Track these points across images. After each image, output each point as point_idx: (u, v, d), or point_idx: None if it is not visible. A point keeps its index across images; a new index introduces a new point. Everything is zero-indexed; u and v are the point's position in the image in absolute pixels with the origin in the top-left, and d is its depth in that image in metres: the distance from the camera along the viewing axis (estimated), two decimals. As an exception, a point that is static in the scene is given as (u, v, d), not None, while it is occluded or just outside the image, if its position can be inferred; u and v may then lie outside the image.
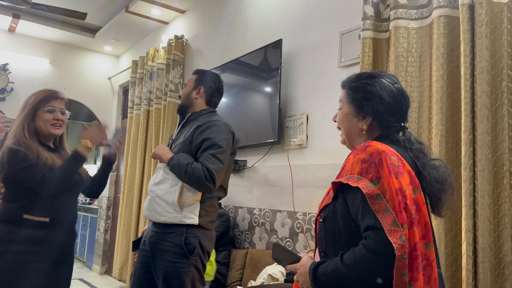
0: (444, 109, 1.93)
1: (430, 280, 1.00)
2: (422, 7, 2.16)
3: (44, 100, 1.89)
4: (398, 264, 0.93)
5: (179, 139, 2.04)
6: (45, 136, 1.91)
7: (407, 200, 0.99)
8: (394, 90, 1.16)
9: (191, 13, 4.46)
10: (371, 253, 0.96)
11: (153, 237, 1.95)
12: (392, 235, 0.94)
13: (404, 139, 1.14)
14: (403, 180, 1.01)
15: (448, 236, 1.86)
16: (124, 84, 5.84)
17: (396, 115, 1.16)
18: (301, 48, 2.97)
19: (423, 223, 1.00)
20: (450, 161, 1.91)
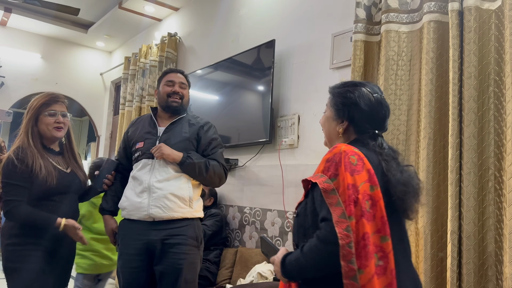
0: (432, 112, 1.97)
1: (386, 271, 1.06)
2: (413, 11, 2.19)
3: (45, 104, 1.95)
4: (343, 252, 1.02)
5: (173, 137, 2.03)
6: (48, 139, 1.97)
7: (359, 194, 1.06)
8: (372, 99, 1.24)
9: (184, 10, 4.46)
10: (320, 241, 1.07)
11: (157, 235, 1.92)
12: (338, 226, 1.03)
13: (375, 144, 1.22)
14: (359, 177, 1.09)
15: (434, 238, 1.90)
16: (116, 80, 5.82)
17: (371, 122, 1.25)
18: (294, 49, 2.99)
19: (379, 217, 1.07)
20: (437, 164, 1.95)
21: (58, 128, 1.95)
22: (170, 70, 2.21)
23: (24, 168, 1.83)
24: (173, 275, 1.91)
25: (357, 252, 1.03)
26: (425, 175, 1.94)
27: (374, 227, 1.06)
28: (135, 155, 2.07)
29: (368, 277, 1.03)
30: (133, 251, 1.94)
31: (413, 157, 2.06)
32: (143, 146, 2.04)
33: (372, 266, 1.03)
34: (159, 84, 2.19)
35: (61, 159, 2.00)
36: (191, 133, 2.06)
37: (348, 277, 1.03)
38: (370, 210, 1.06)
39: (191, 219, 1.99)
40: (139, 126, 2.15)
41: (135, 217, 1.96)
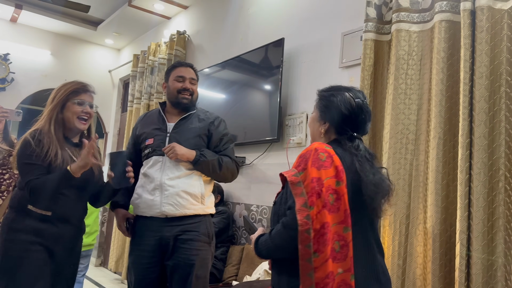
0: (442, 112, 1.97)
1: (346, 258, 1.18)
2: (424, 11, 2.19)
3: (75, 92, 1.88)
4: (301, 237, 1.15)
5: (184, 134, 2.02)
6: (71, 130, 1.89)
7: (323, 188, 1.18)
8: (353, 104, 1.34)
9: (193, 9, 4.48)
10: (283, 227, 1.22)
11: (170, 232, 1.93)
12: (299, 214, 1.16)
13: (352, 145, 1.31)
14: (325, 172, 1.20)
15: (443, 237, 1.90)
16: (124, 78, 5.85)
17: (350, 125, 1.35)
18: (303, 48, 2.99)
19: (343, 210, 1.19)
20: (446, 164, 1.95)
21: (83, 120, 1.88)
22: (179, 64, 2.15)
23: (39, 151, 1.75)
24: (185, 270, 1.91)
25: (316, 238, 1.15)
26: (434, 174, 1.93)
27: (337, 218, 1.18)
28: (145, 152, 2.05)
29: (322, 261, 1.15)
30: (146, 247, 1.95)
31: (422, 156, 2.06)
32: (153, 143, 2.02)
33: (327, 252, 1.15)
34: (167, 77, 2.13)
35: (78, 151, 1.89)
36: (201, 129, 2.03)
37: (304, 259, 1.16)
38: (334, 203, 1.18)
39: (203, 215, 2.00)
40: (148, 122, 2.13)
41: (148, 214, 1.96)
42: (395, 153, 2.09)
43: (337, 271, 1.16)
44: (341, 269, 1.17)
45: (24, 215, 1.77)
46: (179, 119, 2.06)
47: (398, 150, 2.09)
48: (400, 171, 2.08)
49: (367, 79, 2.27)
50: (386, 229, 2.05)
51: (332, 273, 1.15)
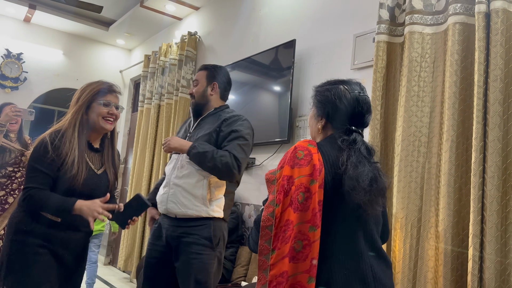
0: (456, 115, 1.95)
1: (307, 259, 1.12)
2: (437, 13, 2.18)
3: (100, 92, 1.81)
4: (262, 232, 1.15)
5: (199, 133, 2.05)
6: (96, 131, 1.83)
7: (292, 186, 1.15)
8: (348, 96, 1.30)
9: (205, 10, 4.50)
10: (254, 223, 1.25)
11: (175, 232, 1.96)
12: (266, 210, 1.17)
13: (345, 139, 1.25)
14: (299, 170, 1.17)
15: (455, 241, 1.88)
16: (135, 78, 5.89)
17: (346, 118, 1.29)
18: (314, 49, 2.99)
19: (311, 209, 1.14)
20: (459, 167, 1.93)
21: (109, 120, 1.81)
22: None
23: (55, 157, 1.68)
24: (185, 273, 1.92)
25: (277, 236, 1.14)
26: (446, 177, 1.92)
27: (303, 217, 1.13)
28: None
29: (278, 258, 1.12)
30: (158, 243, 2.03)
31: (434, 159, 2.04)
32: None
33: (284, 249, 1.12)
34: None
35: (97, 156, 1.84)
36: (214, 126, 2.03)
37: (262, 255, 1.15)
38: (304, 202, 1.13)
39: (208, 218, 1.96)
40: (185, 125, 2.25)
41: (160, 210, 2.04)
42: (407, 155, 2.08)
43: (293, 272, 1.10)
44: (299, 270, 1.11)
45: (33, 218, 1.71)
46: (200, 119, 2.14)
47: (410, 152, 2.08)
48: (412, 174, 2.07)
49: (379, 81, 2.27)
50: (398, 231, 2.04)
51: (286, 272, 1.10)
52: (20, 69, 5.27)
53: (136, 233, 4.56)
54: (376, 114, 2.24)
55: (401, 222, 2.04)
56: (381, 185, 1.21)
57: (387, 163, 2.24)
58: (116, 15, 5.24)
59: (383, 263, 1.24)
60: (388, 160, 2.24)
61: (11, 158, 3.08)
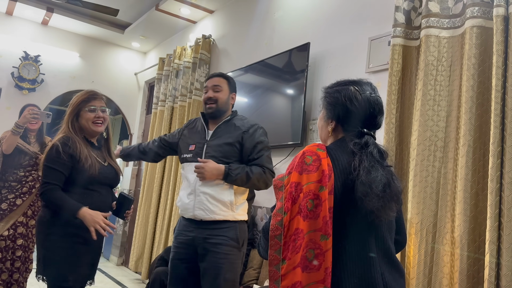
0: (473, 119, 1.93)
1: (320, 268, 1.07)
2: (454, 16, 2.15)
3: (85, 100, 2.05)
4: (271, 242, 1.11)
5: (217, 141, 2.12)
6: (89, 134, 2.06)
7: (301, 193, 1.10)
8: (359, 98, 1.24)
9: (219, 13, 4.52)
10: (262, 230, 1.23)
11: (201, 234, 2.05)
12: (274, 218, 1.12)
13: (359, 142, 1.20)
14: (307, 176, 1.12)
15: (471, 247, 1.85)
16: (150, 81, 5.94)
17: (357, 120, 1.24)
18: (328, 52, 2.98)
19: (322, 216, 1.09)
20: (476, 172, 1.90)
21: (98, 123, 2.05)
22: (209, 76, 2.28)
23: (67, 157, 1.92)
24: (214, 273, 2.00)
25: (286, 245, 1.09)
26: (463, 183, 1.89)
27: (313, 225, 1.08)
28: (187, 156, 2.19)
29: (289, 269, 1.07)
30: (182, 245, 2.11)
31: (451, 164, 2.02)
32: (194, 149, 2.17)
33: (295, 259, 1.07)
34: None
35: (99, 153, 2.09)
36: (235, 137, 2.11)
37: (272, 265, 1.11)
38: (313, 209, 1.09)
39: (233, 221, 2.07)
40: (194, 129, 2.28)
41: (186, 216, 2.13)
42: (422, 160, 2.06)
43: (308, 282, 1.06)
44: (313, 280, 1.06)
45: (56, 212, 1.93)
46: (216, 127, 2.18)
47: (426, 157, 2.06)
48: (427, 179, 2.05)
49: (394, 84, 2.25)
50: (412, 237, 2.01)
51: (300, 283, 1.06)
52: (37, 71, 5.36)
53: (147, 235, 4.59)
54: (392, 118, 2.22)
55: (416, 227, 2.01)
56: (395, 190, 1.16)
57: (402, 168, 2.22)
58: (131, 18, 5.30)
59: (396, 272, 1.20)
60: (403, 165, 2.22)
61: (25, 160, 3.11)
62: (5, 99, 5.20)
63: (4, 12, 5.23)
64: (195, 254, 2.08)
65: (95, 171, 1.97)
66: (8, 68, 5.20)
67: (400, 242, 1.36)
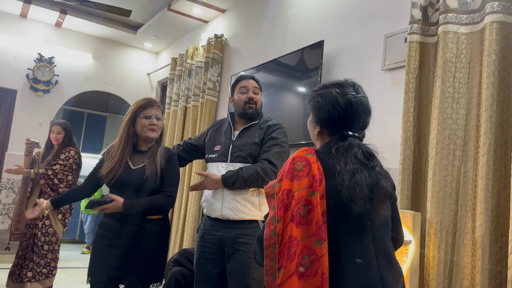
0: (493, 117, 1.88)
1: (317, 275, 1.05)
2: (473, 12, 2.11)
3: (142, 107, 2.14)
4: (266, 251, 1.10)
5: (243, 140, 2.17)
6: (143, 140, 2.16)
7: (293, 200, 1.09)
8: (340, 100, 1.23)
9: (231, 12, 4.51)
10: (257, 240, 1.22)
11: (229, 233, 2.09)
12: (267, 227, 1.11)
13: (339, 146, 1.19)
14: (298, 182, 1.11)
15: (493, 248, 1.81)
16: (162, 81, 5.96)
17: (340, 123, 1.23)
18: (343, 50, 2.95)
19: (315, 221, 1.07)
20: (497, 171, 1.86)
21: (152, 129, 2.13)
22: (241, 77, 2.30)
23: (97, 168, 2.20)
24: (242, 272, 2.03)
25: (281, 253, 1.08)
26: (484, 182, 1.85)
27: (307, 231, 1.07)
28: (212, 156, 2.23)
29: (285, 277, 1.05)
30: (208, 245, 2.15)
31: (471, 163, 1.98)
32: (220, 150, 2.21)
33: (291, 267, 1.05)
34: (232, 91, 2.31)
35: (141, 157, 2.15)
36: (259, 137, 2.16)
37: (269, 275, 1.09)
38: (306, 215, 1.08)
39: (256, 221, 2.10)
40: (220, 129, 2.32)
41: (213, 216, 2.15)
42: (441, 159, 2.02)
43: None
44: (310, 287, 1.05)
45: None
46: (243, 128, 2.22)
47: (445, 156, 2.02)
48: (447, 178, 2.01)
49: (412, 82, 2.21)
50: (432, 237, 1.98)
51: None
52: (51, 73, 5.41)
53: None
54: (409, 116, 2.19)
55: (435, 227, 1.98)
56: (383, 190, 1.15)
57: (420, 167, 2.18)
58: (144, 19, 5.32)
59: (395, 271, 1.19)
60: (421, 164, 2.18)
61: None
62: (20, 101, 5.26)
63: (18, 15, 5.29)
64: (222, 254, 2.11)
65: (110, 177, 2.08)
66: (23, 70, 5.27)
67: (397, 239, 1.34)
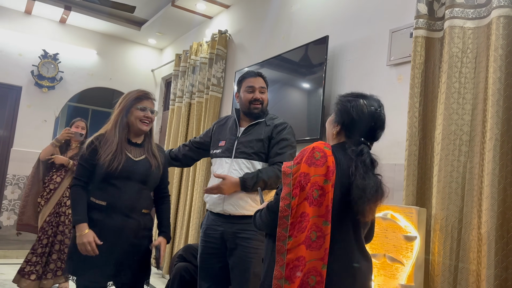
0: (500, 112, 1.87)
1: (321, 248, 1.29)
2: (480, 6, 2.09)
3: (138, 99, 2.11)
4: (280, 221, 1.31)
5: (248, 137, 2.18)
6: (134, 132, 2.12)
7: (308, 182, 1.30)
8: (365, 111, 1.44)
9: (235, 8, 4.50)
10: (267, 209, 1.43)
11: (231, 228, 2.11)
12: (282, 201, 1.32)
13: (355, 150, 1.39)
14: (315, 169, 1.31)
15: (499, 244, 1.81)
16: (166, 77, 5.97)
17: (358, 130, 1.44)
18: (348, 45, 2.94)
19: (325, 205, 1.30)
20: (504, 167, 1.85)
21: (145, 122, 2.10)
22: (248, 74, 2.28)
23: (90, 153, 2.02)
24: (243, 267, 2.05)
25: (293, 225, 1.29)
26: (490, 178, 1.84)
27: (318, 211, 1.29)
28: (216, 151, 2.24)
29: (295, 245, 1.28)
30: (211, 239, 2.17)
31: (477, 158, 1.97)
32: (224, 145, 2.22)
33: (301, 238, 1.28)
34: (239, 87, 2.30)
35: (138, 150, 2.11)
36: (265, 133, 2.17)
37: (280, 240, 1.31)
38: (318, 198, 1.30)
39: None
40: (225, 125, 2.34)
41: (215, 210, 2.17)
42: (447, 154, 2.01)
43: (310, 258, 1.28)
44: (314, 257, 1.28)
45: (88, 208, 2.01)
46: (249, 125, 2.23)
47: (451, 151, 2.01)
48: (452, 174, 2.00)
49: (417, 77, 2.20)
50: (437, 233, 1.97)
51: (303, 258, 1.27)
52: (56, 69, 5.43)
53: (168, 230, 4.62)
54: (415, 111, 2.18)
55: (441, 223, 1.97)
56: (381, 196, 1.37)
57: (425, 163, 2.17)
58: (148, 15, 5.32)
59: (369, 263, 1.44)
60: (427, 160, 2.17)
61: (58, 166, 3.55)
62: (25, 97, 5.28)
63: (23, 11, 5.30)
64: (224, 248, 2.12)
65: (114, 165, 1.98)
66: (28, 66, 5.28)
67: (368, 238, 1.58)
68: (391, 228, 2.01)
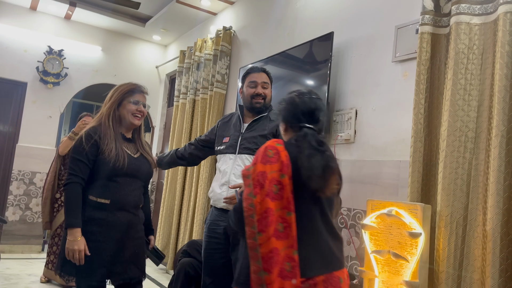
0: (506, 109, 1.86)
1: (289, 236, 1.38)
2: (486, 2, 2.08)
3: (130, 91, 2.08)
4: (246, 220, 1.39)
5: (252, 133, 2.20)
6: (126, 126, 2.08)
7: (266, 179, 1.39)
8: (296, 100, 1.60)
9: (240, 4, 4.49)
10: (233, 209, 1.53)
11: None
12: (245, 201, 1.40)
13: (298, 135, 1.51)
14: (270, 166, 1.42)
15: (504, 241, 1.80)
16: (171, 73, 5.97)
17: (296, 119, 1.57)
18: (353, 42, 2.93)
19: (286, 197, 1.40)
20: (509, 164, 1.84)
21: (137, 116, 2.07)
22: (252, 70, 2.30)
23: (90, 148, 1.91)
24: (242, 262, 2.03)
25: (260, 221, 1.37)
26: (496, 175, 1.83)
27: (280, 204, 1.39)
28: (220, 148, 2.26)
29: (265, 239, 1.36)
30: (215, 235, 2.19)
31: (482, 155, 1.96)
32: (228, 141, 2.24)
33: (269, 231, 1.36)
34: (242, 83, 2.31)
35: (131, 145, 2.09)
36: (269, 129, 2.18)
37: (250, 238, 1.39)
38: (278, 192, 1.40)
39: None
40: (229, 122, 2.36)
41: (218, 206, 2.19)
42: (452, 151, 2.00)
43: (282, 247, 1.37)
44: (285, 245, 1.37)
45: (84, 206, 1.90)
46: (252, 120, 2.25)
47: (456, 148, 2.01)
48: (458, 170, 1.99)
49: (423, 73, 2.19)
50: (442, 230, 1.97)
51: (276, 249, 1.36)
52: (61, 65, 5.44)
53: (172, 225, 4.64)
54: (420, 108, 2.17)
55: (445, 220, 1.97)
56: (332, 169, 1.47)
57: (431, 159, 2.17)
58: (152, 11, 5.32)
59: (336, 238, 1.52)
60: (432, 156, 2.16)
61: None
62: (31, 93, 5.30)
63: (28, 8, 5.32)
64: (228, 244, 2.13)
65: (121, 162, 1.92)
66: (33, 62, 5.30)
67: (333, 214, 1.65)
68: (395, 225, 2.01)
